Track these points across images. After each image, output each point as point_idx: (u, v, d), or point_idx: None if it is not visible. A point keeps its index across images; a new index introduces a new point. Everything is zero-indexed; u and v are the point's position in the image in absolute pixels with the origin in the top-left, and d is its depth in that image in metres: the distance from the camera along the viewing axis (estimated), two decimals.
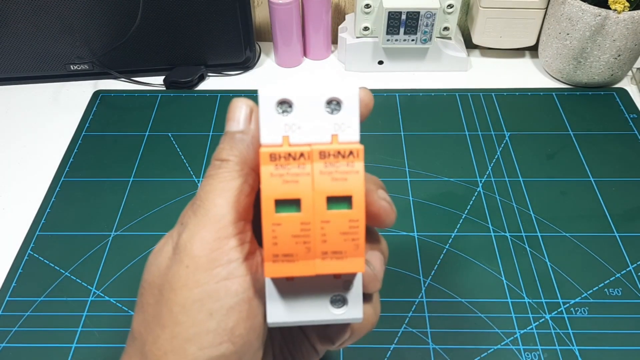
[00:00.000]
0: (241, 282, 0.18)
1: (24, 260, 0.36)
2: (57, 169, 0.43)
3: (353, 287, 0.19)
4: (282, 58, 0.53)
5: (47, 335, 0.32)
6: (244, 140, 0.19)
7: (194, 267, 0.18)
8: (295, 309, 0.18)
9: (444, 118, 0.47)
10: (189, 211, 0.19)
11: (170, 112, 0.48)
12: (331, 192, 0.17)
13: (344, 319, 0.19)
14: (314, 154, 0.17)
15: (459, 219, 0.39)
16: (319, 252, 0.17)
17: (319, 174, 0.17)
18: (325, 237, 0.17)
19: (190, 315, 0.17)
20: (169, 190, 0.41)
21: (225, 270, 0.18)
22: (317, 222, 0.17)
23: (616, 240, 0.37)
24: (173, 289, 0.18)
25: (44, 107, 0.49)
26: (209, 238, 0.18)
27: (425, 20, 0.47)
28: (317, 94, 0.18)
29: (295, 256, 0.17)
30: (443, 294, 0.34)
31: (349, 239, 0.17)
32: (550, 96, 0.49)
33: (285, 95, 0.18)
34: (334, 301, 0.19)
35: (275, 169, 0.17)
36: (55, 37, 0.48)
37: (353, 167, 0.17)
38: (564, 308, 0.33)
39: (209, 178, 0.19)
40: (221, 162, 0.19)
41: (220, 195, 0.18)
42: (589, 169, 0.42)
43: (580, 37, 0.46)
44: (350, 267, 0.17)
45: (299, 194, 0.17)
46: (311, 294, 0.19)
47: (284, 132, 0.18)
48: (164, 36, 0.49)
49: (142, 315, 0.18)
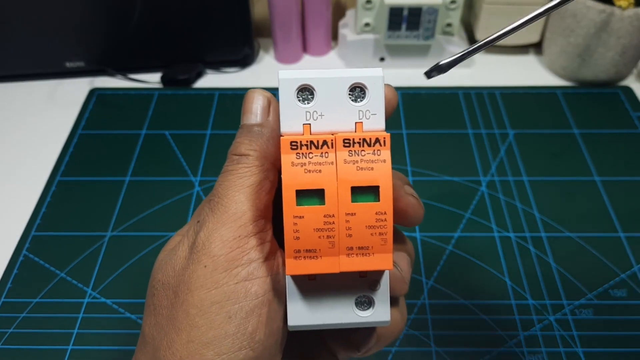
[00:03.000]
0: (261, 283, 0.17)
1: (19, 261, 0.36)
2: (52, 168, 0.42)
3: (380, 287, 0.17)
4: (282, 54, 0.52)
5: (42, 337, 0.32)
6: (263, 133, 0.18)
7: (213, 266, 0.17)
8: (318, 311, 0.17)
9: (447, 116, 0.46)
10: (206, 208, 0.18)
11: (168, 110, 0.47)
12: (356, 182, 0.16)
13: (370, 321, 0.18)
14: (337, 142, 0.16)
15: (461, 219, 0.38)
16: (344, 248, 0.16)
17: (343, 163, 0.16)
18: (351, 231, 0.16)
19: (208, 317, 0.16)
20: (166, 190, 0.40)
21: (245, 270, 0.17)
22: (342, 215, 0.16)
23: (621, 240, 0.37)
24: (190, 290, 0.17)
25: (40, 105, 0.48)
26: (229, 236, 0.17)
27: (427, 16, 0.46)
28: (340, 79, 0.17)
29: (319, 252, 0.16)
30: (446, 295, 0.34)
31: (376, 233, 0.16)
32: (555, 94, 0.48)
33: (307, 80, 0.17)
34: (359, 303, 0.18)
35: (297, 158, 0.16)
36: (51, 33, 0.47)
37: (379, 156, 0.16)
38: (568, 310, 0.33)
39: (227, 174, 0.18)
40: (240, 157, 0.18)
41: (240, 192, 0.17)
42: (594, 168, 0.42)
43: (584, 34, 0.45)
44: (377, 264, 0.16)
45: (322, 184, 0.16)
46: (335, 295, 0.17)
47: (305, 120, 0.17)
48: (161, 33, 0.49)
49: (155, 318, 0.17)
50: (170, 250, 0.18)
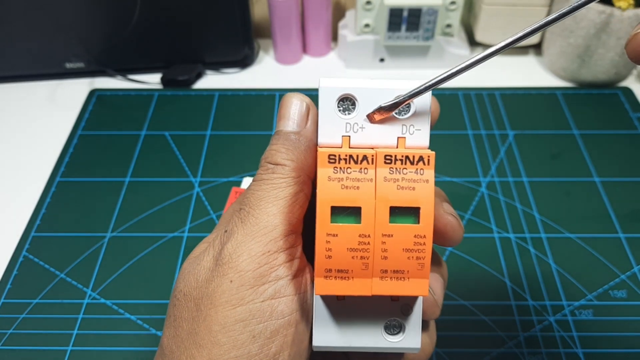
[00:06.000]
0: (288, 302, 0.16)
1: (19, 262, 0.36)
2: (52, 169, 0.42)
3: (412, 313, 0.17)
4: (282, 55, 0.52)
5: (42, 337, 0.32)
6: (300, 142, 0.17)
7: (239, 282, 0.16)
8: (345, 333, 0.17)
9: (446, 117, 0.46)
10: (235, 217, 0.17)
11: (168, 111, 0.47)
12: (396, 202, 0.15)
13: (399, 347, 0.17)
14: (378, 158, 0.15)
15: (461, 220, 0.38)
16: (378, 270, 0.15)
17: (383, 180, 0.15)
18: (387, 253, 0.15)
19: (231, 336, 0.16)
20: (166, 191, 0.40)
21: (272, 288, 0.16)
22: (378, 236, 0.15)
23: (621, 241, 0.37)
24: (214, 305, 0.16)
25: (40, 106, 0.48)
26: (258, 251, 0.16)
27: (427, 17, 0.47)
28: (385, 90, 0.16)
29: (351, 273, 0.15)
30: (445, 296, 0.34)
31: (413, 257, 0.15)
32: (554, 95, 0.49)
33: (349, 90, 0.16)
34: (388, 326, 0.17)
35: (334, 172, 0.15)
36: (51, 34, 0.47)
37: (422, 176, 0.15)
38: (568, 310, 0.33)
39: (261, 183, 0.17)
40: (275, 167, 0.17)
41: (273, 204, 0.16)
42: (594, 169, 0.42)
43: (584, 34, 0.45)
44: (412, 290, 0.15)
45: (360, 201, 0.15)
46: (364, 317, 0.17)
47: (345, 131, 0.16)
48: (161, 33, 0.49)
49: (174, 330, 0.17)
50: (195, 258, 0.18)
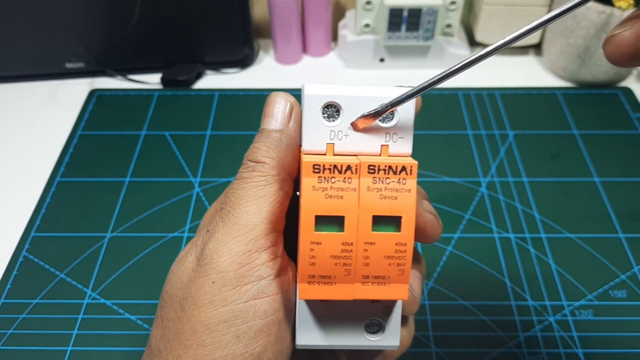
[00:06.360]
0: (271, 301, 0.16)
1: (19, 262, 0.36)
2: (52, 169, 0.42)
3: (391, 313, 0.17)
4: (282, 55, 0.52)
5: (42, 338, 0.32)
6: (282, 140, 0.17)
7: (221, 283, 0.16)
8: (327, 332, 0.17)
9: (446, 117, 0.46)
10: (217, 217, 0.17)
11: (167, 111, 0.47)
12: (379, 212, 0.15)
13: (379, 345, 0.17)
14: (362, 168, 0.15)
15: (461, 220, 0.38)
16: (360, 276, 0.16)
17: (366, 190, 0.15)
18: (369, 260, 0.16)
19: (215, 337, 0.16)
20: (166, 191, 0.40)
21: (255, 288, 0.16)
22: (361, 244, 0.16)
23: (621, 241, 0.37)
24: (197, 306, 0.16)
25: (40, 106, 0.48)
26: (239, 250, 0.16)
27: (427, 17, 0.46)
28: (369, 98, 0.16)
29: (334, 278, 0.16)
30: (445, 296, 0.34)
31: (394, 264, 0.16)
32: (554, 95, 0.48)
33: (334, 98, 0.16)
34: (369, 326, 0.17)
35: (319, 182, 0.15)
36: (51, 34, 0.47)
37: (404, 185, 0.16)
38: (568, 310, 0.33)
39: (241, 181, 0.17)
40: (255, 164, 0.17)
41: (253, 202, 0.16)
42: (594, 169, 0.42)
43: (584, 34, 0.45)
44: (392, 294, 0.16)
45: (343, 211, 0.15)
46: (345, 317, 0.17)
47: (329, 139, 0.16)
48: (160, 33, 0.49)
49: (162, 330, 0.17)
50: (179, 259, 0.18)
